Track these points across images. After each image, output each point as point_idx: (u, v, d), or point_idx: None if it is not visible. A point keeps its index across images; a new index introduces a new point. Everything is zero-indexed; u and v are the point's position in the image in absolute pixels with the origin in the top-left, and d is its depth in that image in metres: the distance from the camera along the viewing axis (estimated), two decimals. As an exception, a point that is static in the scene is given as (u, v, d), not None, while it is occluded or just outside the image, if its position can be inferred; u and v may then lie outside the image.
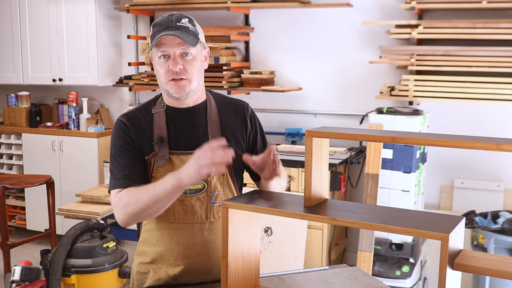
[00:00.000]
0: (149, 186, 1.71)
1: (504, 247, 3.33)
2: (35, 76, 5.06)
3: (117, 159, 1.82)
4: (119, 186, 1.78)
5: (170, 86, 1.80)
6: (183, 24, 1.78)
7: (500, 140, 1.29)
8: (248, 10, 4.47)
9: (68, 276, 2.80)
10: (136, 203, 1.70)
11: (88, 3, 4.74)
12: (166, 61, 1.78)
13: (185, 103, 1.87)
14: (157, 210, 1.71)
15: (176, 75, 1.78)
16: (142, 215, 1.72)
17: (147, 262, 1.88)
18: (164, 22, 1.78)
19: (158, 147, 1.82)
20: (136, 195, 1.71)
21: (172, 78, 1.78)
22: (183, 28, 1.77)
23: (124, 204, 1.73)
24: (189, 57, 1.79)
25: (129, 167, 1.80)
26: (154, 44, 1.77)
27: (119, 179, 1.79)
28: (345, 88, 4.33)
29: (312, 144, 1.47)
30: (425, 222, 1.32)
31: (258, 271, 1.68)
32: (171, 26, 1.76)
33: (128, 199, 1.72)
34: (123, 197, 1.74)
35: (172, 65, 1.77)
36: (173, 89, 1.80)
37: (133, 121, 1.86)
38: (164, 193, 1.65)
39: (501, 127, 3.92)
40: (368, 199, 3.61)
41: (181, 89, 1.79)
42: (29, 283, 2.88)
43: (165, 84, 1.81)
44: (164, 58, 1.78)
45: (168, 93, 1.82)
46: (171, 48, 1.76)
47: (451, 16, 3.92)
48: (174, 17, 1.79)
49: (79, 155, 4.88)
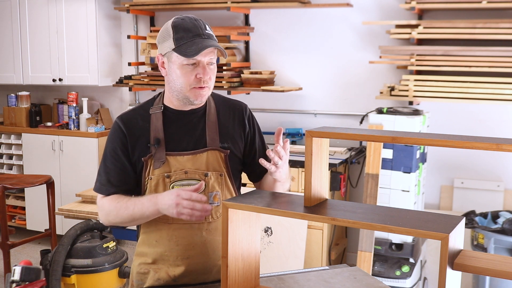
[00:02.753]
0: (129, 203, 1.79)
1: (504, 247, 3.33)
2: (35, 76, 5.06)
3: (106, 162, 1.87)
4: (104, 193, 1.86)
5: (193, 93, 1.79)
6: (209, 31, 1.79)
7: (500, 140, 1.29)
8: (248, 10, 4.47)
9: (68, 276, 2.80)
10: (116, 216, 1.81)
11: (88, 3, 4.74)
12: (194, 69, 1.76)
13: (188, 106, 1.87)
14: (135, 224, 1.86)
15: (203, 83, 1.77)
16: (121, 225, 1.85)
17: (148, 263, 1.88)
18: (192, 28, 1.75)
19: (155, 149, 1.82)
20: (116, 209, 1.81)
21: (197, 86, 1.77)
22: (212, 37, 1.78)
23: (105, 213, 1.85)
24: (213, 66, 1.80)
25: (115, 174, 1.85)
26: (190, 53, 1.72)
27: (104, 184, 1.86)
28: (345, 88, 4.33)
29: (312, 144, 1.47)
30: (425, 222, 1.32)
31: (258, 271, 1.68)
32: (203, 34, 1.76)
33: (109, 209, 1.83)
34: (105, 206, 1.84)
35: (203, 74, 1.76)
36: (195, 96, 1.79)
37: (130, 124, 1.86)
38: (142, 216, 1.78)
39: (501, 127, 3.92)
40: (368, 199, 3.61)
41: (203, 97, 1.81)
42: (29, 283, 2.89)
43: (187, 91, 1.79)
44: (192, 66, 1.76)
45: (187, 99, 1.81)
46: (203, 56, 1.75)
47: (451, 16, 3.92)
48: (201, 23, 1.78)
49: (79, 155, 4.88)
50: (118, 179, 1.84)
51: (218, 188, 1.86)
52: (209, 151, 1.85)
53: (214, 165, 1.85)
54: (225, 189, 1.87)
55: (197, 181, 1.83)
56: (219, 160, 1.86)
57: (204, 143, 1.86)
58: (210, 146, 1.86)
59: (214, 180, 1.85)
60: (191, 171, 1.82)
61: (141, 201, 1.76)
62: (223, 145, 1.88)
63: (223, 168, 1.86)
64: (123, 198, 1.82)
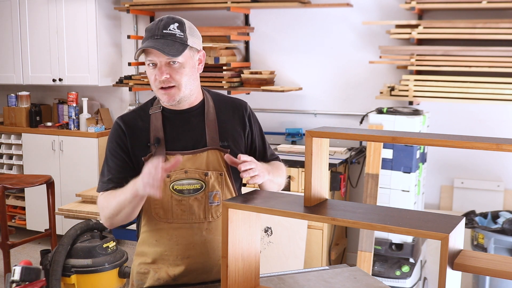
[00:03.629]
0: (118, 191, 1.77)
1: (504, 247, 3.33)
2: (35, 76, 5.06)
3: (107, 161, 1.87)
4: (102, 189, 1.85)
5: (161, 94, 1.81)
6: (170, 31, 1.76)
7: (500, 140, 1.29)
8: (248, 10, 4.47)
9: (68, 276, 2.80)
10: (108, 208, 1.78)
11: (88, 3, 4.74)
12: (154, 69, 1.78)
13: (181, 106, 1.88)
14: (126, 216, 1.77)
15: (164, 83, 1.77)
16: (115, 219, 1.79)
17: (148, 263, 1.88)
18: (152, 28, 1.78)
19: (155, 148, 1.82)
20: (109, 200, 1.79)
21: (161, 86, 1.78)
22: (168, 36, 1.75)
23: (101, 207, 1.82)
24: (176, 65, 1.77)
25: (115, 171, 1.84)
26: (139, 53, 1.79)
27: (104, 182, 1.85)
28: (345, 88, 4.33)
29: (312, 144, 1.47)
30: (425, 222, 1.32)
31: (258, 271, 1.68)
32: (157, 34, 1.75)
33: (102, 203, 1.81)
34: (101, 201, 1.83)
35: (158, 75, 1.77)
36: (163, 97, 1.81)
37: (130, 124, 1.87)
38: (126, 201, 1.72)
39: (501, 127, 3.92)
40: (368, 199, 3.61)
41: (171, 97, 1.80)
42: (29, 283, 2.89)
43: (156, 92, 1.82)
44: (153, 66, 1.78)
45: (160, 100, 1.84)
46: (157, 57, 1.76)
47: (451, 16, 3.92)
48: (162, 23, 1.77)
49: (79, 155, 4.88)
50: (119, 176, 1.83)
51: (218, 188, 1.86)
52: (209, 150, 1.85)
53: (214, 164, 1.85)
54: (225, 188, 1.87)
55: (197, 180, 1.83)
56: (219, 159, 1.86)
57: (204, 142, 1.86)
58: (210, 145, 1.86)
59: (214, 179, 1.85)
60: (191, 170, 1.83)
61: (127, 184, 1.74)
62: (223, 143, 1.88)
63: (223, 167, 1.86)
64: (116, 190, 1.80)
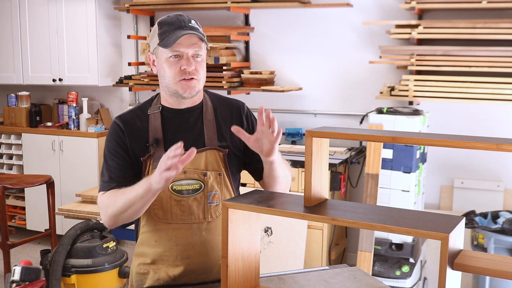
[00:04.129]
0: (126, 189, 1.74)
1: (504, 247, 3.33)
2: (35, 76, 5.06)
3: (107, 161, 1.85)
4: (104, 189, 1.82)
5: (181, 85, 1.79)
6: (193, 25, 1.79)
7: (500, 140, 1.29)
8: (248, 10, 4.47)
9: (68, 276, 2.80)
10: (114, 205, 1.74)
11: (88, 3, 4.74)
12: (178, 61, 1.77)
13: (184, 104, 1.87)
14: (134, 213, 1.74)
15: (189, 75, 1.78)
16: (121, 217, 1.76)
17: (147, 263, 1.88)
18: (175, 21, 1.77)
19: (154, 148, 1.82)
20: (115, 197, 1.76)
21: (183, 78, 1.78)
22: (195, 29, 1.78)
23: (104, 206, 1.78)
24: (199, 58, 1.80)
25: (116, 170, 1.83)
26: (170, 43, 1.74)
27: (105, 181, 1.83)
28: (345, 88, 4.33)
29: (312, 144, 1.47)
30: (425, 222, 1.32)
31: (258, 271, 1.68)
32: (185, 26, 1.76)
33: (108, 201, 1.77)
34: (104, 200, 1.79)
35: (187, 65, 1.76)
36: (183, 88, 1.79)
37: (128, 124, 1.86)
38: (137, 197, 1.68)
39: (501, 127, 3.91)
40: (368, 199, 3.61)
41: (192, 89, 1.80)
42: (29, 283, 2.89)
43: (174, 84, 1.80)
44: (176, 58, 1.77)
45: (177, 93, 1.81)
46: (185, 48, 1.76)
47: (451, 16, 3.92)
48: (185, 18, 1.79)
49: (79, 155, 4.88)
50: (119, 175, 1.82)
51: (217, 188, 1.85)
52: (207, 150, 1.85)
53: (213, 164, 1.85)
54: (224, 188, 1.87)
55: (196, 180, 1.83)
56: (218, 159, 1.86)
57: (202, 142, 1.86)
58: (208, 145, 1.86)
59: (213, 179, 1.85)
60: (190, 170, 1.82)
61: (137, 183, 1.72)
62: (222, 143, 1.88)
63: (221, 167, 1.86)
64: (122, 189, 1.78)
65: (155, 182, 1.61)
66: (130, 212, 1.73)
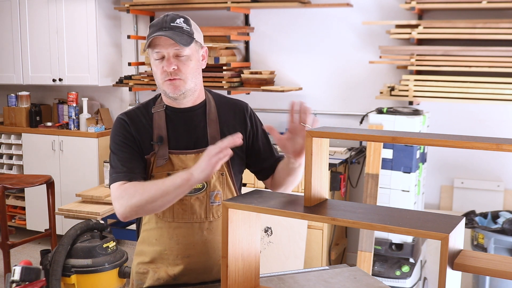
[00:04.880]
0: (156, 180, 1.72)
1: (504, 247, 3.33)
2: (35, 76, 5.06)
3: (118, 154, 1.81)
4: (123, 179, 1.75)
5: (166, 86, 1.80)
6: (177, 24, 1.78)
7: (500, 140, 1.29)
8: (248, 10, 4.47)
9: (68, 276, 2.80)
10: (142, 194, 1.68)
11: (88, 3, 4.74)
12: (161, 62, 1.78)
13: (183, 103, 1.87)
14: (162, 205, 1.69)
15: (171, 75, 1.78)
16: (146, 208, 1.70)
17: (146, 262, 1.88)
18: (158, 22, 1.79)
19: (158, 146, 1.82)
20: (144, 186, 1.70)
21: (167, 78, 1.79)
22: (176, 28, 1.77)
23: (129, 195, 1.70)
24: (183, 57, 1.78)
25: (131, 161, 1.79)
26: (147, 45, 1.78)
27: (121, 172, 1.77)
28: (345, 88, 4.33)
29: (312, 144, 1.47)
30: (425, 222, 1.32)
31: (258, 271, 1.68)
32: (165, 26, 1.77)
33: (134, 190, 1.70)
34: (128, 189, 1.72)
35: (166, 66, 1.77)
36: (169, 89, 1.80)
37: (133, 119, 1.86)
38: (173, 186, 1.65)
39: (501, 127, 3.92)
40: (368, 199, 3.61)
41: (176, 88, 1.79)
42: (29, 283, 2.88)
43: (161, 84, 1.81)
44: (159, 59, 1.78)
45: (165, 93, 1.83)
46: (165, 48, 1.76)
47: (451, 16, 3.92)
48: (168, 17, 1.79)
49: (79, 155, 4.88)
50: (134, 166, 1.79)
51: (219, 188, 1.86)
52: None
53: None
54: (226, 188, 1.87)
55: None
56: None
57: (205, 142, 1.86)
58: (211, 145, 1.85)
59: (216, 179, 1.85)
60: None
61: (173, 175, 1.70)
62: None
63: (224, 168, 1.86)
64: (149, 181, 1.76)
65: (199, 170, 1.61)
66: (159, 203, 1.68)
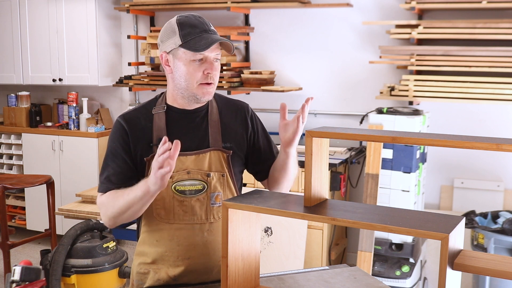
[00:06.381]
0: (125, 190, 1.76)
1: (504, 247, 3.33)
2: (35, 76, 5.06)
3: (108, 161, 1.85)
4: (104, 191, 1.83)
5: (200, 89, 1.79)
6: (213, 28, 1.81)
7: (500, 140, 1.29)
8: (248, 10, 4.47)
9: (68, 276, 2.80)
10: (113, 207, 1.77)
11: (88, 3, 4.74)
12: (201, 65, 1.76)
13: (194, 105, 1.87)
14: (133, 214, 1.76)
15: (210, 79, 1.78)
16: (120, 218, 1.78)
17: (148, 263, 1.88)
18: (198, 24, 1.77)
19: (158, 148, 1.81)
20: (114, 199, 1.77)
21: (205, 82, 1.78)
22: (216, 33, 1.80)
23: (104, 207, 1.81)
24: (217, 63, 1.80)
25: (115, 173, 1.83)
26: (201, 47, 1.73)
27: (103, 182, 1.84)
28: (345, 88, 4.33)
29: (312, 144, 1.47)
30: (425, 222, 1.32)
31: (258, 271, 1.68)
32: (209, 29, 1.78)
33: (107, 202, 1.79)
34: (103, 201, 1.81)
35: (211, 69, 1.77)
36: (203, 93, 1.79)
37: (132, 123, 1.85)
38: (136, 199, 1.70)
39: (501, 127, 3.92)
40: (368, 199, 3.61)
41: (210, 94, 1.81)
42: (29, 283, 2.89)
43: (194, 88, 1.78)
44: (199, 61, 1.76)
45: (194, 96, 1.80)
46: (209, 52, 1.75)
47: (451, 16, 3.92)
48: (204, 20, 1.80)
49: (79, 155, 4.88)
50: (119, 178, 1.82)
51: (220, 189, 1.85)
52: (211, 151, 1.85)
53: (217, 165, 1.85)
54: (226, 189, 1.87)
55: (199, 181, 1.82)
56: (222, 160, 1.85)
57: (207, 143, 1.85)
58: (213, 146, 1.85)
59: (216, 180, 1.84)
60: (194, 171, 1.82)
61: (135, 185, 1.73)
62: (226, 145, 1.87)
63: (225, 169, 1.86)
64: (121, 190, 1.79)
65: (151, 183, 1.61)
66: (129, 213, 1.75)
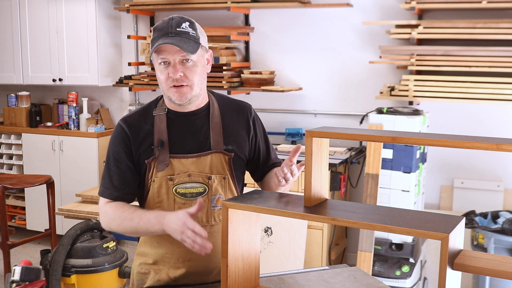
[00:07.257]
0: (134, 215, 1.76)
1: (504, 247, 3.33)
2: (35, 76, 5.06)
3: (109, 165, 1.85)
4: (108, 197, 1.83)
5: (172, 93, 1.78)
6: (183, 29, 1.75)
7: (500, 140, 1.29)
8: (248, 10, 4.47)
9: (68, 276, 2.80)
10: (119, 225, 1.79)
11: (88, 3, 4.74)
12: (166, 68, 1.75)
13: (188, 108, 1.85)
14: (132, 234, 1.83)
15: (177, 82, 1.75)
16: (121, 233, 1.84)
17: (149, 263, 1.88)
18: (164, 27, 1.75)
19: (159, 151, 1.81)
20: (121, 219, 1.78)
21: (173, 85, 1.76)
22: (183, 34, 1.74)
23: (108, 219, 1.82)
24: (190, 63, 1.76)
25: (118, 177, 1.83)
26: (153, 50, 1.75)
27: (108, 188, 1.83)
28: (345, 88, 4.33)
29: (312, 144, 1.47)
30: (425, 222, 1.32)
31: (258, 271, 1.68)
32: (171, 32, 1.73)
33: (113, 217, 1.80)
34: (108, 212, 1.82)
35: (172, 73, 1.74)
36: (175, 96, 1.78)
37: (134, 126, 1.84)
38: (146, 232, 1.77)
39: (501, 127, 3.92)
40: (368, 199, 3.61)
41: (182, 96, 1.78)
42: (29, 283, 2.89)
43: (166, 91, 1.79)
44: (165, 65, 1.75)
45: (170, 99, 1.80)
46: (171, 55, 1.73)
47: (451, 16, 3.92)
48: (174, 21, 1.75)
49: (79, 155, 4.88)
50: (121, 182, 1.82)
51: (221, 191, 1.85)
52: (213, 153, 1.84)
53: (218, 168, 1.84)
54: (228, 192, 1.86)
55: (200, 184, 1.82)
56: (223, 162, 1.85)
57: (208, 146, 1.84)
58: (214, 149, 1.84)
59: (218, 183, 1.84)
60: (195, 174, 1.81)
61: (147, 216, 1.73)
62: (227, 147, 1.86)
63: (226, 171, 1.85)
64: (128, 208, 1.79)
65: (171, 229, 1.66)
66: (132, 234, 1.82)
